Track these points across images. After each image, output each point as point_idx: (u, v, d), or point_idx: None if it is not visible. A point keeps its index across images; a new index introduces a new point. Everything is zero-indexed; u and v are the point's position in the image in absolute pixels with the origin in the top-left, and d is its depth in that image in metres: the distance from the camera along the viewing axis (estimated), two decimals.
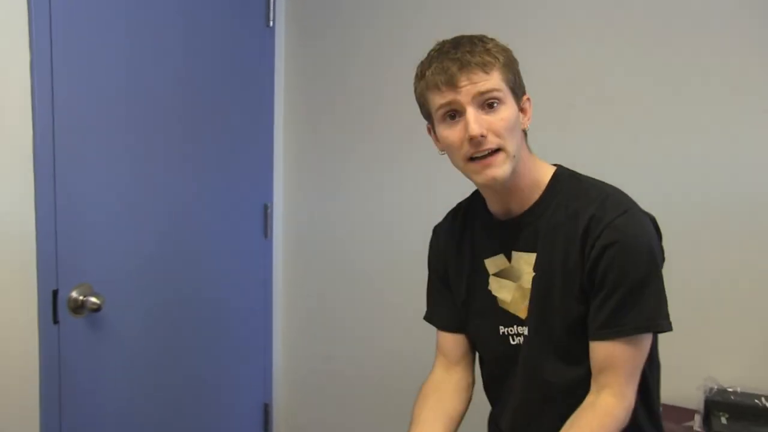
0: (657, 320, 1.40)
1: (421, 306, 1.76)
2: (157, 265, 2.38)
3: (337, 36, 2.82)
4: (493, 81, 1.38)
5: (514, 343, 1.54)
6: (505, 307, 1.54)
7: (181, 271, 2.49)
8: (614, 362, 1.40)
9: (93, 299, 2.08)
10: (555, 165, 1.55)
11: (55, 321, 2.02)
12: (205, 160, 2.55)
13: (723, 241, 2.20)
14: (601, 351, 1.41)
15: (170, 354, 2.46)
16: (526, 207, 1.50)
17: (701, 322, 2.21)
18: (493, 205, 1.54)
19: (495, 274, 1.55)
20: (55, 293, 2.01)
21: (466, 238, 1.62)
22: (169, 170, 2.40)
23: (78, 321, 2.09)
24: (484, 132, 1.37)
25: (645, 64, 2.26)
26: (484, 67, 1.37)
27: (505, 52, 1.42)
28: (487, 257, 1.56)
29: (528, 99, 1.48)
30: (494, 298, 1.55)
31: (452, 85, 1.38)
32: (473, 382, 1.69)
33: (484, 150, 1.38)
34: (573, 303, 1.44)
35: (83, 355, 2.13)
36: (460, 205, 1.70)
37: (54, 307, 2.01)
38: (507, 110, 1.39)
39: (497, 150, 1.39)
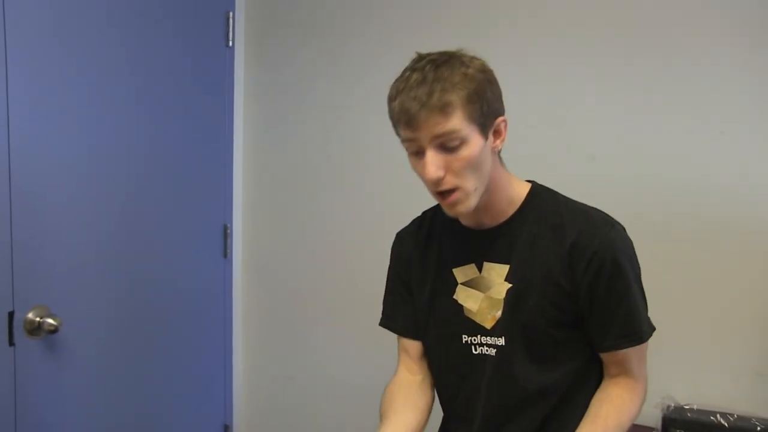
0: (649, 328, 1.52)
1: (384, 330, 1.76)
2: (116, 286, 2.35)
3: (297, 56, 2.83)
4: (453, 123, 1.34)
5: (476, 352, 1.55)
6: (471, 316, 1.54)
7: (140, 292, 2.46)
8: (628, 362, 1.51)
9: (50, 321, 2.05)
10: (529, 181, 1.58)
11: (11, 343, 1.99)
12: (164, 181, 2.54)
13: (680, 261, 2.24)
14: (614, 357, 1.51)
15: (129, 375, 2.42)
16: (501, 221, 1.52)
17: (659, 341, 2.22)
18: (465, 220, 1.55)
19: (463, 283, 1.56)
20: (10, 315, 1.98)
21: (432, 246, 1.63)
22: (128, 191, 2.38)
23: (35, 343, 2.06)
24: (441, 174, 1.37)
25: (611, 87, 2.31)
26: (444, 109, 1.34)
27: (473, 81, 1.37)
28: (457, 266, 1.57)
29: (503, 120, 1.45)
30: (460, 306, 1.56)
31: (411, 126, 1.37)
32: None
33: (442, 189, 1.40)
34: (552, 311, 1.48)
35: (40, 378, 2.09)
36: (425, 213, 1.71)
37: (10, 328, 1.98)
38: (468, 149, 1.37)
39: (455, 189, 1.40)
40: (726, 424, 2.07)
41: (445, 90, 1.33)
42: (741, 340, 2.21)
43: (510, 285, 1.50)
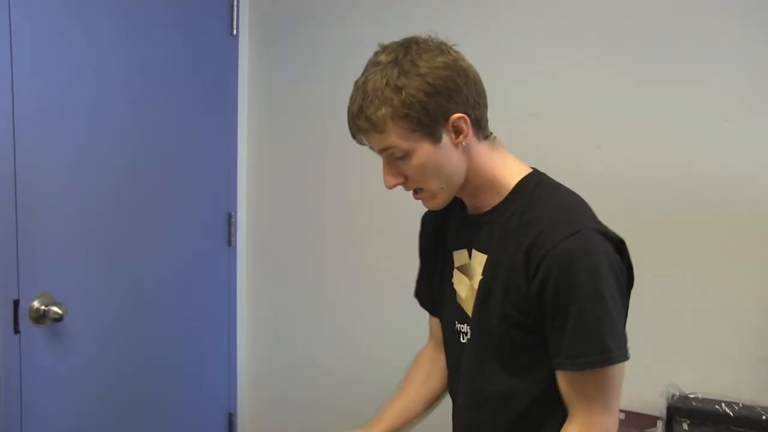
0: (608, 352, 1.30)
1: (388, 311, 1.77)
2: (120, 274, 2.35)
3: (302, 44, 2.82)
4: (390, 137, 1.34)
5: (463, 341, 1.52)
6: (461, 303, 1.52)
7: (145, 280, 2.46)
8: (575, 392, 1.36)
9: (55, 309, 2.05)
10: (532, 168, 1.49)
11: (17, 331, 1.99)
12: (168, 169, 2.54)
13: (684, 249, 2.24)
14: (560, 380, 1.37)
15: (133, 363, 2.43)
16: (491, 206, 1.46)
17: (663, 330, 2.25)
18: (467, 200, 1.52)
19: (457, 268, 1.54)
20: (16, 303, 1.98)
21: (443, 229, 1.62)
22: (133, 179, 2.38)
23: (40, 331, 2.06)
24: (398, 181, 1.41)
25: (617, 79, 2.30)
26: (375, 128, 1.34)
27: (401, 93, 1.31)
28: (455, 249, 1.55)
29: (461, 117, 1.36)
30: (454, 292, 1.54)
31: (356, 140, 1.43)
32: None
33: (409, 190, 1.44)
34: (513, 312, 1.38)
35: (45, 366, 2.10)
36: None
37: (15, 317, 1.98)
38: (416, 158, 1.36)
39: (420, 190, 1.43)
40: (731, 413, 2.08)
41: (373, 108, 1.33)
42: (746, 328, 2.21)
43: (483, 277, 1.44)
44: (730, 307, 2.21)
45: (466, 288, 1.51)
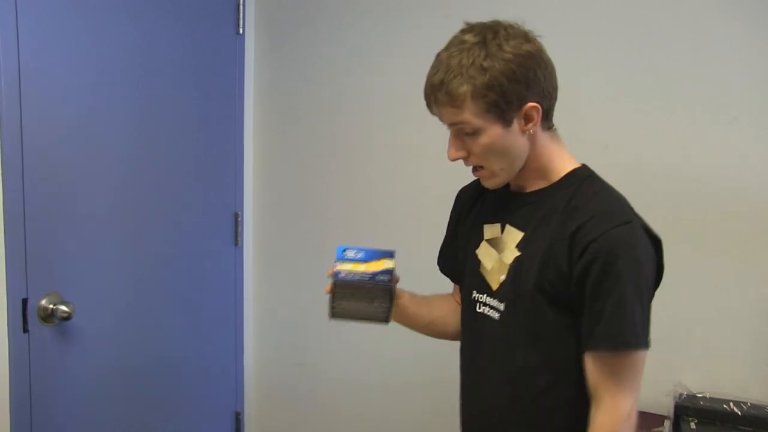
0: (640, 337, 1.39)
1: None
2: (128, 273, 2.36)
3: (308, 44, 2.82)
4: (464, 114, 1.40)
5: (479, 310, 1.57)
6: (484, 273, 1.56)
7: (152, 280, 2.47)
8: (604, 375, 1.41)
9: (63, 307, 2.07)
10: (582, 164, 1.55)
11: (25, 330, 2.00)
12: (175, 169, 2.54)
13: (693, 248, 2.24)
14: (590, 363, 1.42)
15: (141, 362, 2.44)
16: (537, 188, 1.53)
17: (671, 330, 2.24)
18: (511, 181, 1.57)
19: (487, 240, 1.58)
20: (24, 302, 1.99)
21: (478, 204, 1.68)
22: (140, 179, 2.38)
23: (48, 329, 2.07)
24: (461, 155, 1.47)
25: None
26: (453, 102, 1.40)
27: (486, 74, 1.37)
28: (487, 223, 1.60)
29: (533, 107, 1.42)
30: (478, 262, 1.58)
31: (431, 111, 1.47)
32: None
33: (469, 165, 1.50)
34: (549, 289, 1.43)
35: (54, 364, 2.10)
36: None
37: (24, 315, 2.00)
38: (485, 137, 1.42)
39: (480, 167, 1.49)
40: (739, 413, 2.07)
41: (455, 84, 1.38)
42: (754, 328, 2.21)
43: (519, 254, 1.49)
44: (738, 307, 2.21)
45: (492, 260, 1.55)
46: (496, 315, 1.53)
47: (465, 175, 1.75)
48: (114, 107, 2.26)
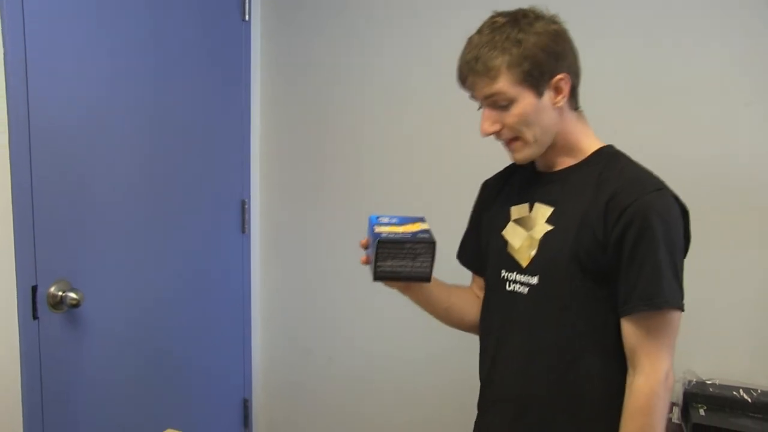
0: (671, 297, 1.45)
1: (402, 302, 1.77)
2: (136, 260, 2.36)
3: (314, 30, 2.81)
4: (499, 85, 1.46)
5: (509, 289, 1.60)
6: (512, 253, 1.60)
7: (160, 266, 2.47)
8: (643, 337, 1.46)
9: (72, 295, 2.07)
10: (608, 144, 1.61)
11: (35, 317, 2.01)
12: (183, 157, 2.54)
13: (704, 234, 2.22)
14: (629, 327, 1.47)
15: (150, 349, 2.44)
16: (566, 166, 1.58)
17: (681, 317, 2.23)
18: (540, 162, 1.63)
19: (515, 221, 1.62)
20: (34, 289, 2.00)
21: (505, 190, 1.71)
22: (147, 166, 2.38)
23: (57, 317, 2.08)
24: (495, 128, 1.51)
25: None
26: (488, 73, 1.46)
27: (520, 45, 1.45)
28: (514, 204, 1.64)
29: (562, 78, 1.50)
30: (505, 242, 1.62)
31: (465, 86, 1.53)
32: None
33: (502, 140, 1.54)
34: (584, 258, 1.48)
35: (64, 351, 2.11)
36: (513, 164, 1.75)
37: (33, 303, 2.00)
38: (518, 107, 1.48)
39: (514, 139, 1.52)
40: (749, 399, 2.07)
41: (490, 56, 1.45)
42: (764, 315, 2.20)
43: (551, 227, 1.54)
44: (748, 294, 2.20)
45: (521, 238, 1.59)
46: (525, 290, 1.57)
47: (481, 161, 1.76)
48: (121, 96, 2.26)
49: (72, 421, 2.16)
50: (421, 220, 1.61)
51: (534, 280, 1.55)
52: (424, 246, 1.53)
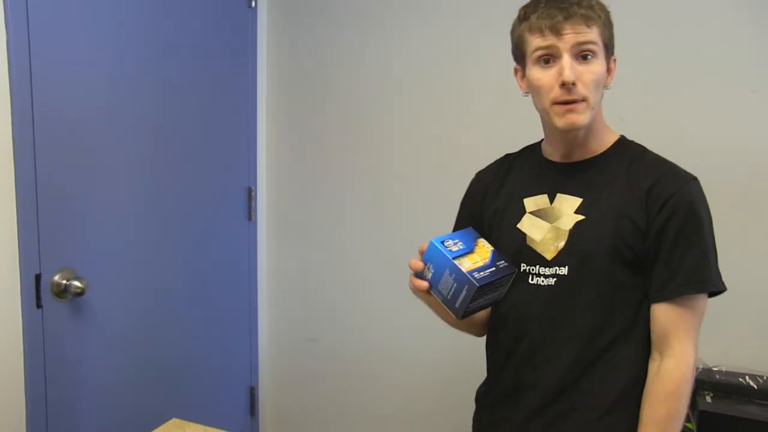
0: (717, 280, 1.50)
1: (405, 287, 1.76)
2: (141, 248, 2.36)
3: (321, 17, 2.80)
4: (593, 34, 1.46)
5: (532, 282, 1.57)
6: (533, 245, 1.57)
7: (166, 254, 2.47)
8: (676, 322, 1.48)
9: (76, 283, 2.07)
10: (621, 135, 1.64)
11: (39, 305, 2.01)
12: (189, 144, 2.53)
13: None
14: (662, 312, 1.49)
15: (155, 337, 2.45)
16: (588, 157, 1.58)
17: None
18: (557, 148, 1.61)
19: (532, 212, 1.60)
20: (38, 277, 2.00)
21: (509, 181, 1.69)
22: (152, 154, 2.38)
23: (62, 305, 2.08)
24: (576, 80, 1.46)
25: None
26: (588, 21, 1.45)
27: (606, 11, 1.50)
28: (528, 196, 1.62)
29: (614, 60, 1.55)
30: (523, 235, 1.59)
31: (556, 31, 1.46)
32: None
33: (572, 98, 1.48)
34: (622, 248, 1.49)
35: (68, 339, 2.11)
36: (507, 155, 1.76)
37: (37, 291, 2.00)
38: (598, 65, 1.48)
39: (582, 99, 1.48)
40: (755, 386, 2.06)
41: (590, 7, 1.47)
42: None
43: (582, 217, 1.53)
44: (754, 281, 2.19)
45: (543, 231, 1.57)
46: (552, 281, 1.55)
47: (484, 151, 1.75)
48: (126, 84, 2.25)
49: (76, 409, 2.16)
50: (477, 235, 1.57)
51: (563, 271, 1.54)
52: (509, 277, 1.53)
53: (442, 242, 1.50)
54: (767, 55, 2.13)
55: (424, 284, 1.54)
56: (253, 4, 2.81)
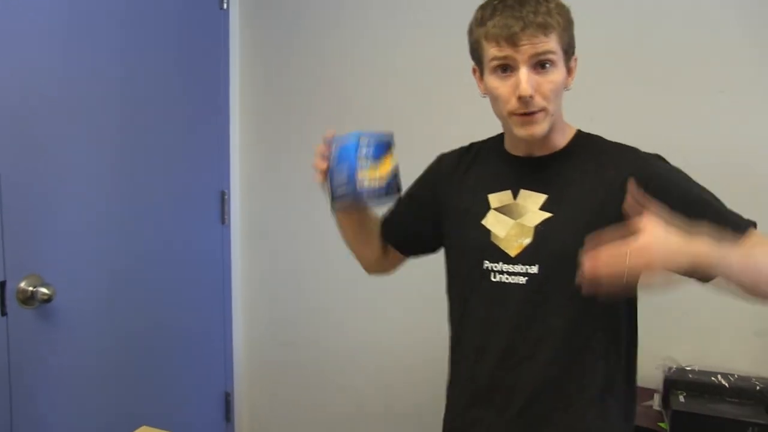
0: (742, 220, 1.51)
1: (384, 288, 1.76)
2: (111, 253, 2.34)
3: (292, 18, 2.79)
4: (551, 44, 1.42)
5: (495, 280, 1.54)
6: (497, 242, 1.54)
7: (137, 259, 2.45)
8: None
9: (43, 290, 2.05)
10: (577, 128, 1.62)
11: (3, 313, 1.98)
12: (160, 147, 2.51)
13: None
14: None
15: (127, 343, 2.42)
16: (549, 153, 1.56)
17: (660, 304, 2.21)
18: (518, 148, 1.58)
19: (496, 209, 1.57)
20: (2, 284, 1.98)
21: (471, 174, 1.66)
22: (123, 156, 2.36)
23: (28, 312, 2.05)
24: (533, 93, 1.43)
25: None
26: (545, 30, 1.41)
27: (565, 13, 1.46)
28: (492, 192, 1.59)
29: (575, 59, 1.51)
30: (488, 232, 1.56)
31: (512, 43, 1.41)
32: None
33: (530, 110, 1.45)
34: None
35: (35, 347, 2.09)
36: (473, 144, 1.73)
37: (2, 298, 1.98)
38: (557, 73, 1.44)
39: (541, 110, 1.45)
40: (726, 384, 2.07)
41: (547, 13, 1.42)
42: (741, 302, 2.18)
43: (549, 215, 1.51)
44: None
45: (506, 227, 1.54)
46: (522, 279, 1.52)
47: (457, 137, 1.74)
48: (93, 85, 2.23)
49: (42, 417, 2.13)
50: (391, 144, 1.61)
51: (534, 269, 1.50)
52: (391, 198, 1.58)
53: (359, 137, 1.60)
54: (733, 56, 2.14)
55: (320, 166, 1.66)
56: (225, 5, 2.79)
